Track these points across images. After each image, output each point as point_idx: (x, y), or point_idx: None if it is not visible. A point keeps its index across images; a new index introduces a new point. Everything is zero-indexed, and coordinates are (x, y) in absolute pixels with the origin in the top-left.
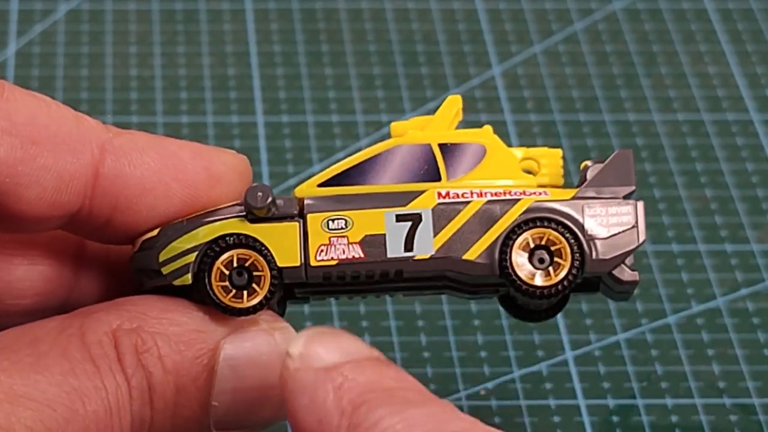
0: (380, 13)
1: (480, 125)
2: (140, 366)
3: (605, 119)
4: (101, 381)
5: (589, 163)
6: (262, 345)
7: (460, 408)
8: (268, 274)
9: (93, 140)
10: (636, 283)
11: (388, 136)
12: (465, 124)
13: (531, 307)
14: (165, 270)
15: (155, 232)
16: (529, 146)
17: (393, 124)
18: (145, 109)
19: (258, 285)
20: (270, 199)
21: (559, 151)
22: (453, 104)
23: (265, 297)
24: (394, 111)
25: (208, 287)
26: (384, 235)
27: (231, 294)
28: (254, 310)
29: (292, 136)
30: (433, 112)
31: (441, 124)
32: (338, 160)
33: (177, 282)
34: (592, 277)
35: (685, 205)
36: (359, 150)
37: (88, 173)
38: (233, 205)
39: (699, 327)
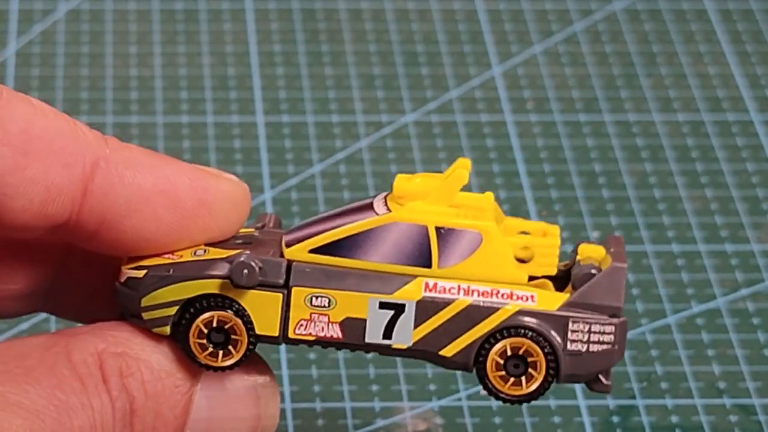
0: (380, 13)
1: (480, 125)
2: (124, 389)
3: (605, 119)
4: (88, 399)
5: (585, 267)
6: (237, 379)
7: (461, 408)
8: (245, 340)
9: (86, 155)
10: (607, 392)
11: (389, 136)
12: (465, 124)
13: None
14: (146, 316)
15: (141, 274)
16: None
17: (398, 178)
18: (145, 109)
19: (234, 347)
20: (257, 278)
21: (556, 241)
22: (461, 178)
23: (240, 360)
24: (394, 111)
25: (185, 342)
26: (365, 320)
27: (207, 352)
28: (227, 369)
29: (292, 136)
30: (433, 112)
31: (444, 196)
32: (338, 161)
33: (156, 330)
34: None
35: (686, 206)
36: (359, 150)
37: (77, 188)
38: (222, 260)
39: (699, 327)
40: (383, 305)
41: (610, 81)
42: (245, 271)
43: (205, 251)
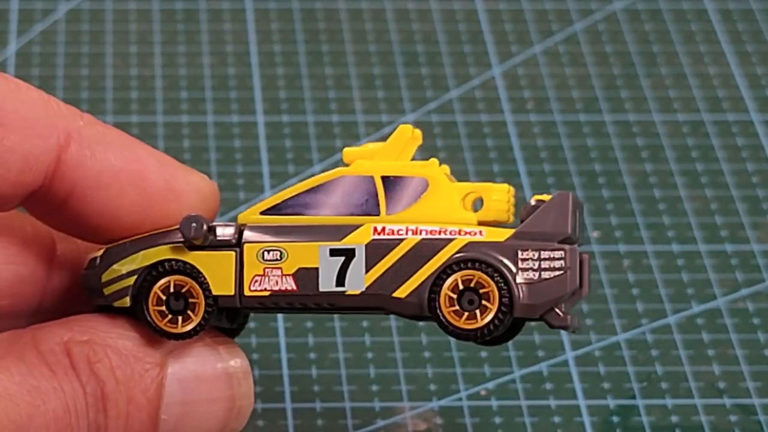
0: (380, 13)
1: (480, 125)
2: (93, 375)
3: (605, 119)
4: (59, 384)
5: (532, 201)
6: (208, 360)
7: (461, 408)
8: (203, 301)
9: (60, 125)
10: (566, 327)
11: (389, 136)
12: (465, 124)
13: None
14: (106, 291)
15: (100, 252)
16: (485, 181)
17: (345, 149)
18: (145, 109)
19: (193, 312)
20: (204, 230)
21: (505, 187)
22: (403, 133)
23: (199, 324)
24: (394, 111)
25: (145, 311)
26: (317, 268)
27: (167, 319)
28: (189, 335)
29: (292, 136)
30: (433, 112)
31: (389, 153)
32: (338, 161)
33: (116, 304)
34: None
35: (685, 205)
36: None
37: (52, 157)
38: (176, 230)
39: (699, 327)
40: (334, 252)
41: (610, 81)
42: (193, 224)
43: None
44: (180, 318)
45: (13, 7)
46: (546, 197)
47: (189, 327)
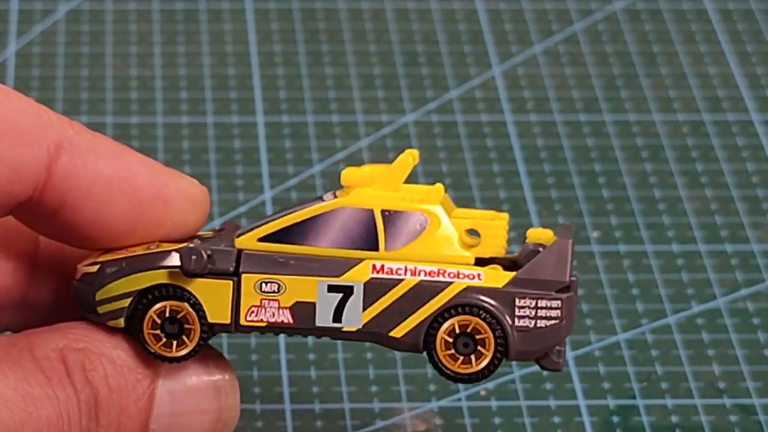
0: (380, 13)
1: (480, 125)
2: (88, 383)
3: (605, 119)
4: (53, 390)
5: (530, 245)
6: (198, 373)
7: (460, 409)
8: (198, 329)
9: (51, 135)
10: (558, 371)
11: (389, 136)
12: (465, 124)
13: None
14: (100, 310)
15: (95, 268)
16: (485, 209)
17: (344, 172)
18: (145, 109)
19: (188, 337)
20: (204, 262)
21: (503, 223)
22: (405, 162)
23: (194, 349)
24: (394, 111)
25: (139, 333)
26: (314, 303)
27: (161, 342)
28: (182, 359)
29: (292, 136)
30: (433, 112)
31: (389, 181)
32: (338, 161)
33: (110, 323)
34: None
35: (685, 205)
36: (359, 150)
37: (42, 167)
38: (174, 251)
39: (699, 327)
40: (332, 288)
41: (610, 81)
42: (193, 257)
43: (158, 246)
44: (174, 342)
45: (13, 8)
46: (543, 235)
47: (183, 352)
